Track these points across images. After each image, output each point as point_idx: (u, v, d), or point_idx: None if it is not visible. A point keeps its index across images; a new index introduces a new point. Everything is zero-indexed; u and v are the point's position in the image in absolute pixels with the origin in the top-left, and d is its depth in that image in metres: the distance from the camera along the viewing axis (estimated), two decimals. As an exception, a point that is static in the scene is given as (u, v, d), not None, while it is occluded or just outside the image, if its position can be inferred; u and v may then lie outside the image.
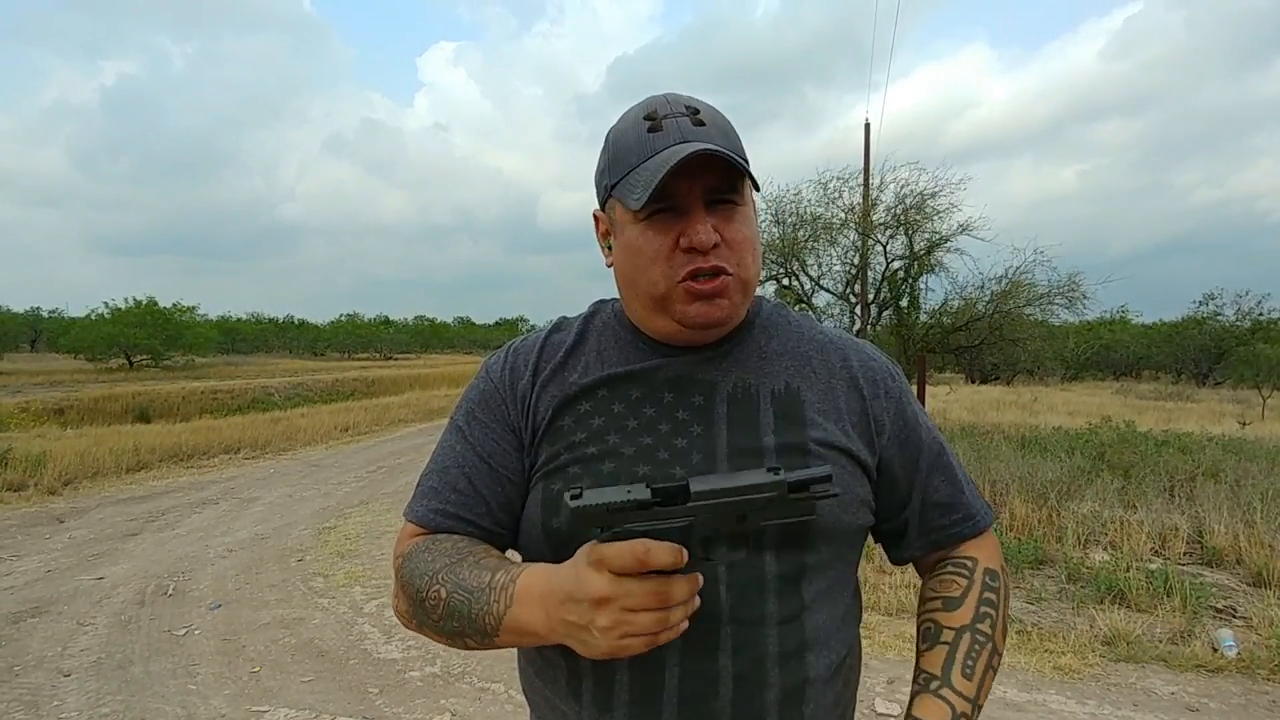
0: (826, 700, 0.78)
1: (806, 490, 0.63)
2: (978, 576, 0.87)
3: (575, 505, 0.60)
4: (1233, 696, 3.13)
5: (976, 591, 0.86)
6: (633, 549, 0.60)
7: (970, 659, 0.82)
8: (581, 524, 0.62)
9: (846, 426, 0.82)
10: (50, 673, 3.32)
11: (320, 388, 22.98)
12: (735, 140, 0.79)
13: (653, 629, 0.63)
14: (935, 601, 0.89)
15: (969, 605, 0.86)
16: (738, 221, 0.77)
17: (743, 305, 0.81)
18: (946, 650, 0.83)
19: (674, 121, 0.77)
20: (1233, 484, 6.08)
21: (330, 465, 9.40)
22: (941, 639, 0.85)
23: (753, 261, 0.79)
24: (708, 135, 0.76)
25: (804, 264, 12.29)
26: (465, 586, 0.73)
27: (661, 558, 0.60)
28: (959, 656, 0.82)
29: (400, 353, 61.99)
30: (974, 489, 0.93)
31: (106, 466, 8.29)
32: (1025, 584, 4.50)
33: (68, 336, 32.50)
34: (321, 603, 4.26)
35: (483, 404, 0.86)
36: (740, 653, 0.74)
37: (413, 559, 0.80)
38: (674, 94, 0.80)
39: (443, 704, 3.06)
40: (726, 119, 0.80)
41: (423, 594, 0.76)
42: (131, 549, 5.38)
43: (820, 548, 0.77)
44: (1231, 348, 27.06)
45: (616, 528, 0.62)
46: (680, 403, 0.81)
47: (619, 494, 0.61)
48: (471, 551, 0.78)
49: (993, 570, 0.89)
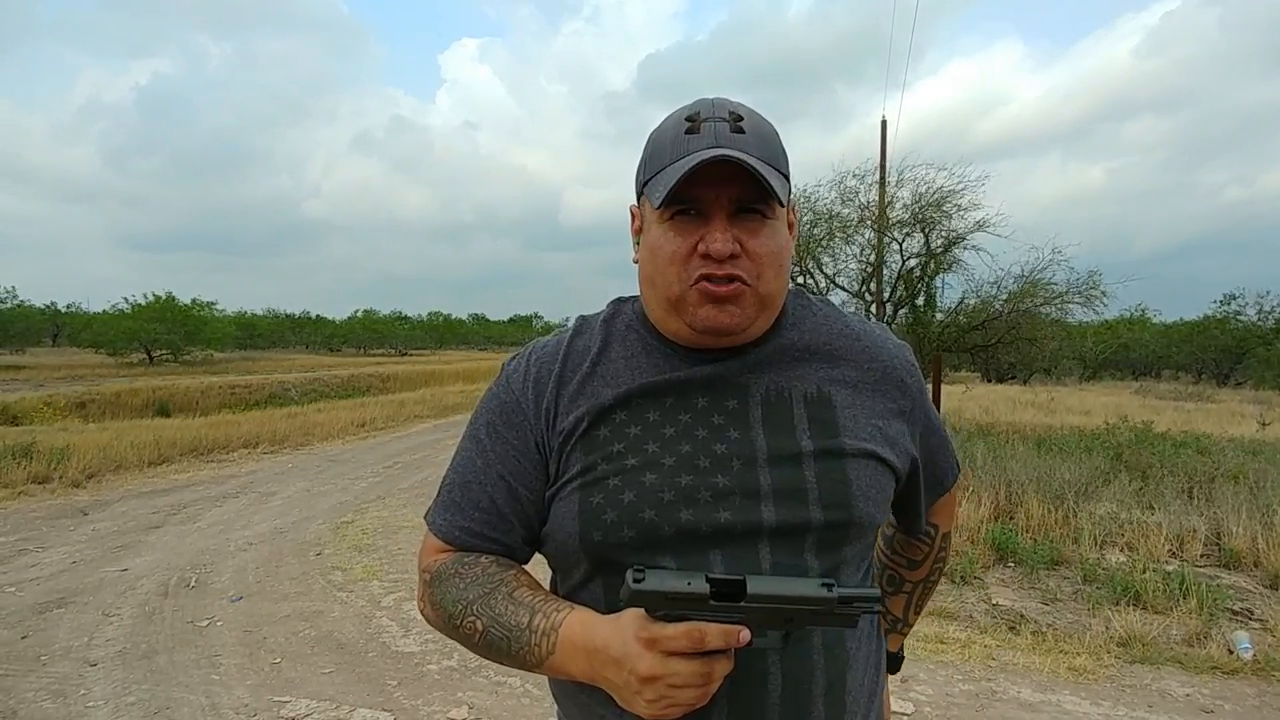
0: (861, 679, 0.82)
1: (852, 605, 0.66)
2: (936, 543, 1.07)
3: (637, 588, 0.64)
4: (1248, 699, 3.12)
5: (934, 554, 1.08)
6: (689, 633, 0.65)
7: (921, 602, 1.12)
8: (638, 604, 0.66)
9: (875, 430, 0.83)
10: (77, 662, 3.39)
11: (336, 383, 23.18)
12: (775, 152, 0.78)
13: (691, 702, 0.68)
14: (900, 559, 1.09)
15: (926, 566, 1.08)
16: (763, 234, 0.76)
17: (758, 317, 0.80)
18: (906, 599, 1.10)
19: (713, 125, 0.76)
20: (1252, 486, 6.03)
21: (347, 460, 9.50)
22: (903, 590, 1.10)
23: (775, 276, 0.78)
24: (744, 143, 0.75)
25: (819, 262, 12.25)
26: (504, 624, 0.76)
27: (715, 643, 0.65)
28: (914, 602, 1.11)
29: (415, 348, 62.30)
30: (952, 446, 1.02)
31: (128, 460, 8.42)
32: (1040, 585, 4.49)
33: (89, 331, 32.97)
34: (340, 596, 4.32)
35: (504, 417, 0.86)
36: (789, 650, 0.75)
37: (444, 582, 0.82)
38: (723, 98, 0.80)
39: (460, 697, 3.11)
40: (774, 130, 0.80)
41: (457, 621, 0.80)
42: (154, 541, 5.47)
43: (856, 544, 0.80)
44: (1253, 348, 26.71)
45: (669, 611, 0.65)
46: (714, 407, 0.81)
47: (680, 582, 0.65)
48: (503, 580, 0.80)
49: (947, 534, 1.08)
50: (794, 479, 0.78)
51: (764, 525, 0.76)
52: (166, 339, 31.16)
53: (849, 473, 0.79)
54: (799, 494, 0.77)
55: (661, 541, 0.75)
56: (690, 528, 0.75)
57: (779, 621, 0.67)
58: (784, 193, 0.76)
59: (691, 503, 0.76)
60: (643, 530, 0.76)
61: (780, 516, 0.76)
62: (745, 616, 0.65)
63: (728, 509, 0.76)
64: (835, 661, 0.78)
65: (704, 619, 0.65)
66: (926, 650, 3.57)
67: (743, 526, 0.75)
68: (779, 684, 0.75)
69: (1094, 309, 11.06)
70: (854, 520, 0.78)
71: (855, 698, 0.81)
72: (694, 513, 0.76)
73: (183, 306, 34.10)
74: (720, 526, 0.75)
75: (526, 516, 0.84)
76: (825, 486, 0.78)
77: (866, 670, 0.84)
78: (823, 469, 0.78)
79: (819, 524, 0.76)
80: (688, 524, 0.75)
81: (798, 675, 0.76)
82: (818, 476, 0.78)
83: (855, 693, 0.81)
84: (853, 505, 0.78)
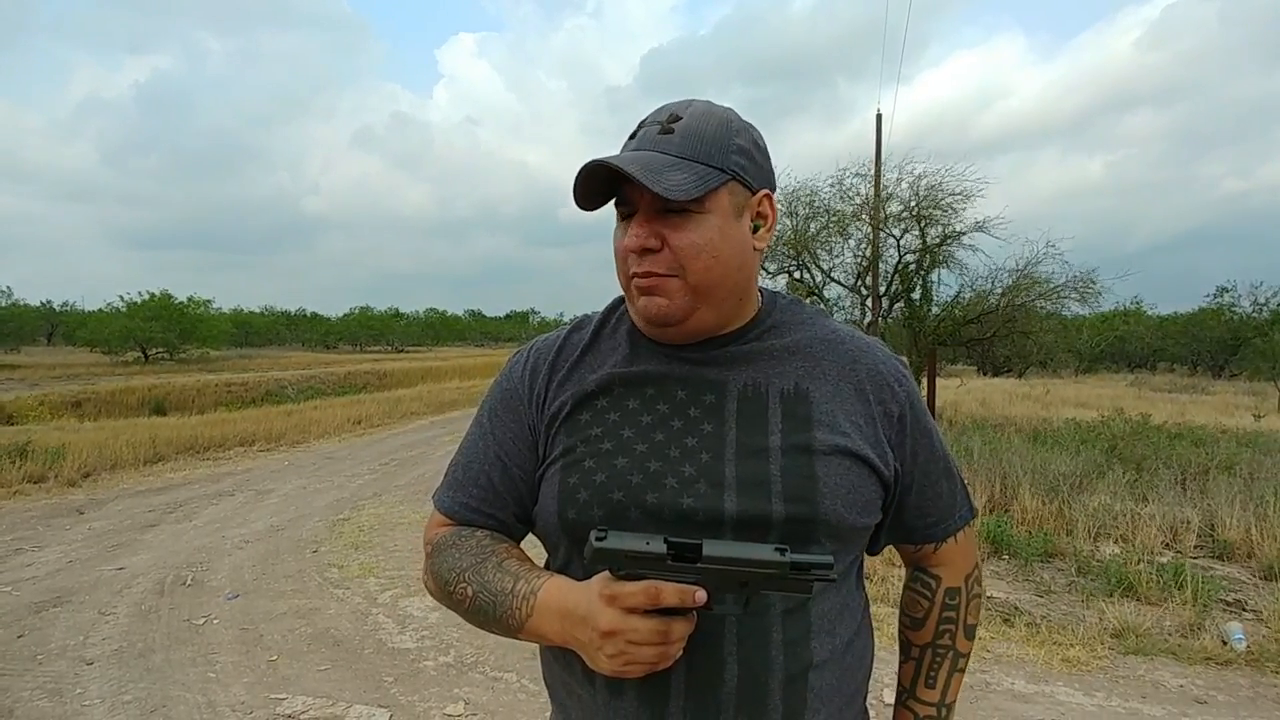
0: (829, 680, 0.82)
1: (808, 572, 0.67)
2: (938, 599, 0.97)
3: (599, 546, 0.66)
4: (1241, 690, 3.14)
5: (937, 612, 0.97)
6: (645, 589, 0.68)
7: (932, 671, 0.97)
8: (600, 562, 0.68)
9: (855, 428, 0.83)
10: (73, 661, 3.39)
11: (333, 380, 23.16)
12: (707, 147, 0.79)
13: (652, 660, 0.70)
14: (905, 619, 1.00)
15: (930, 626, 0.97)
16: (687, 229, 0.78)
17: (700, 307, 0.81)
18: (914, 666, 0.98)
19: (646, 130, 0.81)
20: (1246, 477, 6.05)
21: (343, 458, 9.49)
22: (910, 655, 0.99)
23: (706, 268, 0.79)
24: (665, 144, 0.78)
25: (815, 256, 12.25)
26: (490, 589, 0.81)
27: (670, 599, 0.67)
28: (923, 670, 0.97)
29: (412, 345, 62.27)
30: (963, 485, 0.97)
31: (124, 459, 8.40)
32: (1035, 577, 4.51)
33: (84, 330, 32.88)
34: (336, 593, 4.32)
35: (504, 402, 0.93)
36: (745, 641, 0.77)
37: (442, 552, 0.89)
38: (683, 101, 0.83)
39: (456, 693, 3.12)
40: (721, 127, 0.80)
41: (450, 588, 0.85)
42: (150, 540, 5.47)
43: (825, 544, 0.80)
44: (1248, 339, 26.78)
45: (632, 571, 0.68)
46: (692, 400, 0.84)
47: (639, 542, 0.67)
48: (494, 551, 0.86)
49: (953, 589, 0.97)
50: (757, 472, 0.79)
51: (725, 514, 0.78)
52: (162, 337, 31.11)
53: (817, 469, 0.79)
54: (761, 486, 0.78)
55: (627, 523, 0.79)
56: (654, 510, 0.79)
57: (734, 585, 0.68)
58: (699, 185, 0.76)
59: (658, 487, 0.80)
60: (611, 510, 0.80)
61: (741, 507, 0.78)
62: (702, 578, 0.67)
63: (691, 496, 0.79)
64: (796, 658, 0.79)
65: (663, 579, 0.67)
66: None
67: (705, 514, 0.78)
68: (734, 674, 0.77)
69: (1089, 305, 11.09)
70: (819, 517, 0.78)
71: (819, 696, 0.80)
72: (659, 497, 0.79)
73: (178, 305, 34.04)
74: (683, 512, 0.78)
75: (520, 495, 0.89)
76: (789, 480, 0.78)
77: (843, 678, 0.83)
78: (789, 463, 0.79)
79: (780, 517, 0.77)
80: (652, 507, 0.79)
81: (754, 667, 0.77)
82: (782, 470, 0.79)
83: (821, 693, 0.80)
84: (817, 501, 0.78)
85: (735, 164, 0.80)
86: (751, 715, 0.78)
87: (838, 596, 0.84)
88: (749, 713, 0.78)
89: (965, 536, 0.96)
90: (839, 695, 0.83)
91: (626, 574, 0.68)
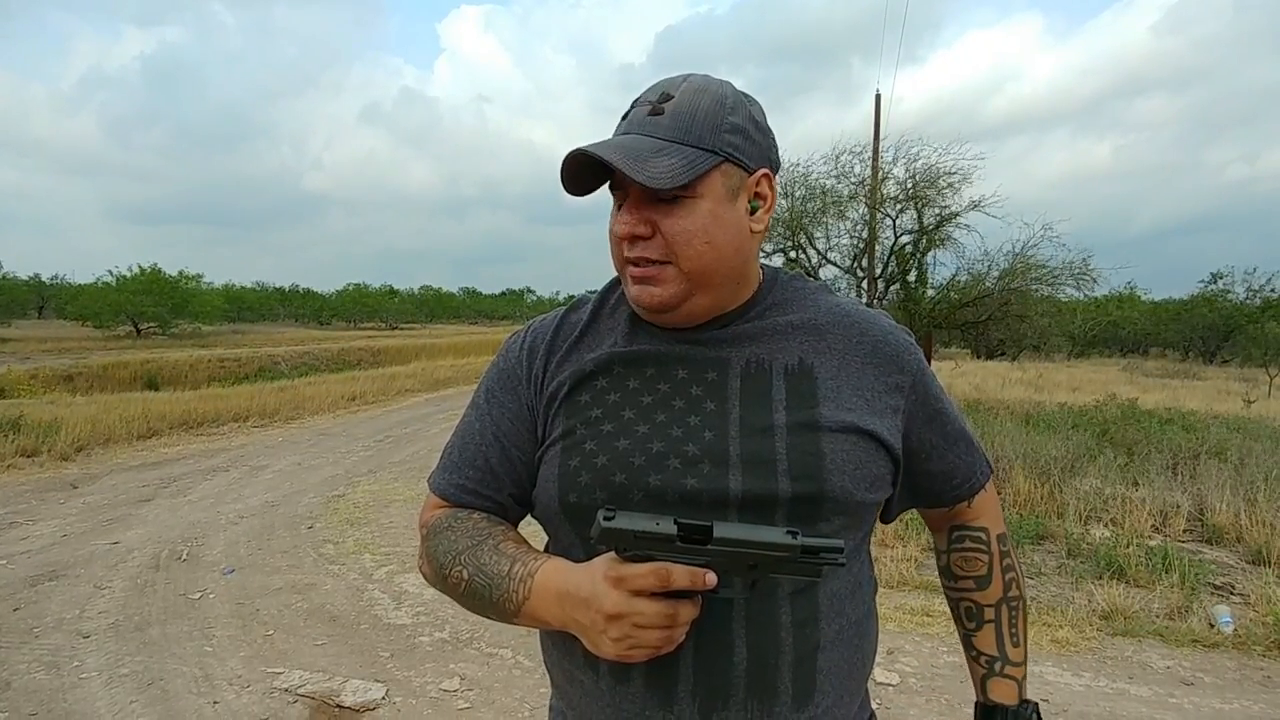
0: (838, 660, 0.81)
1: (818, 556, 0.66)
2: (994, 548, 0.96)
3: (607, 526, 0.64)
4: (1228, 671, 3.18)
5: (999, 563, 0.96)
6: (655, 571, 0.66)
7: (1014, 628, 0.95)
8: (607, 543, 0.66)
9: (862, 403, 0.82)
10: (69, 634, 3.40)
11: (327, 357, 23.08)
12: (700, 130, 0.76)
13: (656, 645, 0.69)
14: (967, 581, 0.98)
15: (997, 580, 0.96)
16: (676, 214, 0.76)
17: (695, 293, 0.80)
18: (994, 628, 0.96)
19: (636, 111, 0.79)
20: (1236, 463, 6.10)
21: (338, 434, 9.49)
22: (985, 618, 0.96)
23: (698, 254, 0.77)
24: (653, 126, 0.76)
25: (811, 237, 12.22)
26: (486, 572, 0.79)
27: (680, 582, 0.65)
28: (1005, 631, 0.95)
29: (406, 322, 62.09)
30: (978, 443, 0.97)
31: (118, 433, 8.37)
32: (1026, 559, 4.54)
33: (75, 304, 32.63)
34: (332, 569, 4.34)
35: (501, 383, 0.91)
36: (754, 622, 0.77)
37: (437, 534, 0.86)
38: (679, 77, 0.80)
39: (452, 668, 3.14)
40: (715, 105, 0.77)
41: (446, 571, 0.83)
42: (145, 514, 5.47)
43: (833, 520, 0.79)
44: (1240, 325, 26.90)
45: (638, 552, 0.66)
46: (694, 379, 0.83)
47: (648, 523, 0.65)
48: (491, 534, 0.84)
49: (1002, 534, 0.98)
50: (763, 449, 0.78)
51: (730, 493, 0.76)
52: (153, 312, 30.91)
53: (823, 445, 0.78)
54: (767, 464, 0.77)
55: (630, 505, 0.77)
56: (658, 492, 0.77)
57: (743, 568, 0.67)
58: (686, 170, 0.74)
59: (661, 469, 0.78)
60: (613, 493, 0.78)
61: (747, 485, 0.76)
62: (711, 560, 0.66)
63: (695, 476, 0.77)
64: (805, 639, 0.78)
65: (671, 560, 0.66)
66: (913, 623, 3.62)
67: (710, 494, 0.77)
68: (744, 656, 0.76)
69: (1085, 290, 11.11)
70: (826, 494, 0.77)
71: (828, 677, 0.80)
72: (662, 478, 0.78)
73: (169, 279, 33.79)
74: (687, 493, 0.77)
75: (518, 476, 0.88)
76: (795, 458, 0.77)
77: (851, 658, 0.83)
78: (794, 441, 0.78)
79: (787, 495, 0.76)
80: (655, 488, 0.77)
81: (764, 649, 0.77)
82: (788, 448, 0.77)
83: (829, 672, 0.80)
84: (825, 478, 0.77)
85: (728, 144, 0.77)
86: (761, 697, 0.77)
87: (848, 576, 0.83)
88: (759, 694, 0.77)
89: (990, 488, 0.97)
90: (848, 675, 0.83)
91: (632, 555, 0.67)
